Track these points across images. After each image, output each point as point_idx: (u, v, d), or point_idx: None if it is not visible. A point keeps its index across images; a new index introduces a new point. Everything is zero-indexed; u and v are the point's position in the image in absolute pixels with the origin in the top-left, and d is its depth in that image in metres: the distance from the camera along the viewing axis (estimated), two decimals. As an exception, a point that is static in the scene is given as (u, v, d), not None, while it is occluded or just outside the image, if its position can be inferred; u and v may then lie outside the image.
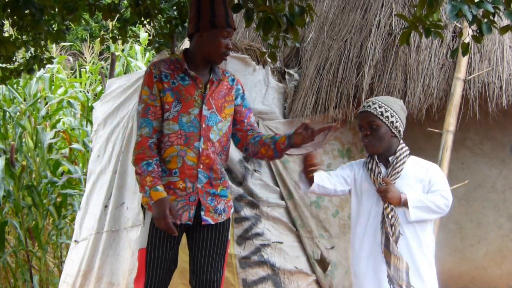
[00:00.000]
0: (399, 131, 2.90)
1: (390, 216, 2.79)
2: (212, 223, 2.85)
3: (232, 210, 2.98)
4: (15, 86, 6.77)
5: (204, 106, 2.81)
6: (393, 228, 2.78)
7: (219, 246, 2.88)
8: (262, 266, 4.16)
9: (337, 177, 2.98)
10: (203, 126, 2.80)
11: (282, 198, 4.34)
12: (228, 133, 2.92)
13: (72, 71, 9.40)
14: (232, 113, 2.94)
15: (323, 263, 4.32)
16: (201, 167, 2.80)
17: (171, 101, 2.79)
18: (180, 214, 2.79)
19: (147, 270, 2.79)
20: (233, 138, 3.01)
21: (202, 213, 2.82)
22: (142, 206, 2.90)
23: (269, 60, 4.49)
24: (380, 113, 2.85)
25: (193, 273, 2.88)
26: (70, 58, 9.24)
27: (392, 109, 2.88)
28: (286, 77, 4.66)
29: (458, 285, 4.52)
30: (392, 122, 2.86)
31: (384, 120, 2.85)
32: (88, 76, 8.14)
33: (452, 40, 4.39)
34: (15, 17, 3.86)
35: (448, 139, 4.11)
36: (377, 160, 2.88)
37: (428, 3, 2.45)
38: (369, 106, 2.89)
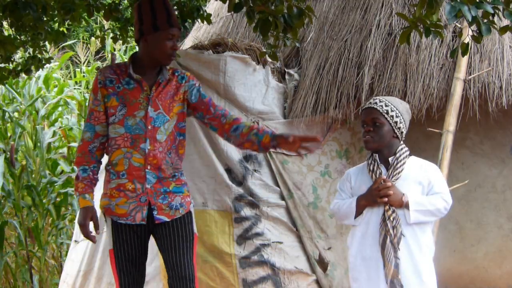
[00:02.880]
0: (402, 132, 2.90)
1: (391, 218, 2.78)
2: (168, 220, 2.86)
3: (192, 204, 2.97)
4: (14, 86, 6.76)
5: (149, 107, 2.83)
6: (395, 230, 2.77)
7: (184, 241, 2.88)
8: (262, 266, 4.16)
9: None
10: (149, 127, 2.82)
11: (282, 198, 4.34)
12: (174, 131, 2.91)
13: (68, 71, 9.39)
14: (180, 111, 2.93)
15: (322, 263, 4.32)
16: (149, 167, 2.82)
17: (116, 105, 2.83)
18: (133, 215, 2.82)
19: (117, 269, 2.86)
20: (210, 128, 3.02)
21: (155, 212, 2.84)
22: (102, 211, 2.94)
23: (269, 60, 4.48)
24: (385, 111, 2.85)
25: (167, 271, 2.92)
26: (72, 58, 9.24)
27: (398, 110, 2.88)
28: (286, 77, 4.66)
29: (458, 285, 4.52)
30: (396, 122, 2.86)
31: (388, 118, 2.85)
32: (84, 76, 8.13)
33: (452, 40, 4.39)
34: (13, 19, 3.85)
35: (448, 139, 4.11)
36: (378, 161, 2.88)
37: (428, 4, 2.44)
38: (376, 103, 2.89)
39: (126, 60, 8.19)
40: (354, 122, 4.50)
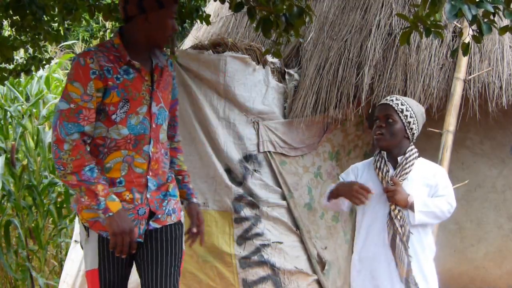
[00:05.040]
0: (413, 134, 2.88)
1: (399, 217, 2.77)
2: (158, 226, 2.42)
3: (182, 213, 2.56)
4: (16, 86, 6.77)
5: (152, 102, 2.39)
6: (403, 228, 2.76)
7: (172, 257, 2.43)
8: (262, 266, 4.16)
9: None
10: (153, 126, 2.39)
11: (283, 198, 4.34)
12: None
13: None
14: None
15: (320, 263, 4.33)
16: (150, 174, 2.39)
17: (118, 100, 2.32)
18: None
19: None
20: None
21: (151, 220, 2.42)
22: (83, 224, 2.43)
23: (269, 60, 4.49)
24: (400, 110, 2.83)
25: None
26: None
27: (413, 111, 2.86)
28: (286, 77, 4.66)
29: (458, 285, 4.52)
30: (409, 122, 2.84)
31: (402, 117, 2.83)
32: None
33: (452, 40, 4.39)
34: (16, 17, 3.86)
35: (448, 139, 4.10)
36: (386, 159, 2.86)
37: (431, 2, 2.44)
38: (392, 100, 2.87)
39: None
40: (351, 123, 4.50)
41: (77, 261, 4.51)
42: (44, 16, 4.04)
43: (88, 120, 2.28)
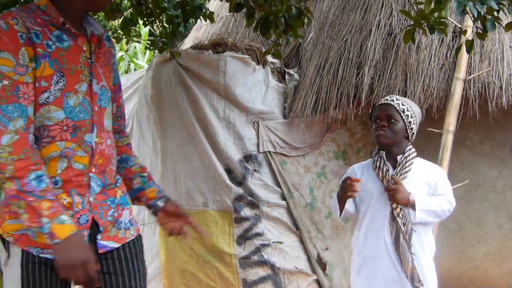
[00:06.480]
0: (413, 133, 2.90)
1: (401, 215, 2.78)
2: (117, 245, 1.95)
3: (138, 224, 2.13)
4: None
5: (93, 79, 1.92)
6: (405, 226, 2.77)
7: (139, 279, 1.99)
8: (262, 266, 4.15)
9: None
10: (95, 109, 1.91)
11: (282, 198, 4.34)
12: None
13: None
14: None
15: (321, 263, 4.33)
16: (93, 170, 1.90)
17: (51, 74, 1.80)
18: None
19: None
20: None
21: (99, 236, 1.90)
22: (4, 239, 1.85)
23: (269, 60, 4.48)
24: (402, 110, 2.85)
25: None
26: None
27: (413, 111, 2.89)
28: (286, 77, 4.66)
29: (458, 285, 4.53)
30: (410, 122, 2.86)
31: (404, 117, 2.85)
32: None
33: (452, 40, 4.40)
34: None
35: (448, 139, 4.11)
36: (384, 158, 2.87)
37: (436, 0, 2.44)
38: (393, 100, 2.89)
39: (132, 59, 8.12)
40: (352, 123, 4.50)
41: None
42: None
43: (29, 99, 1.77)
